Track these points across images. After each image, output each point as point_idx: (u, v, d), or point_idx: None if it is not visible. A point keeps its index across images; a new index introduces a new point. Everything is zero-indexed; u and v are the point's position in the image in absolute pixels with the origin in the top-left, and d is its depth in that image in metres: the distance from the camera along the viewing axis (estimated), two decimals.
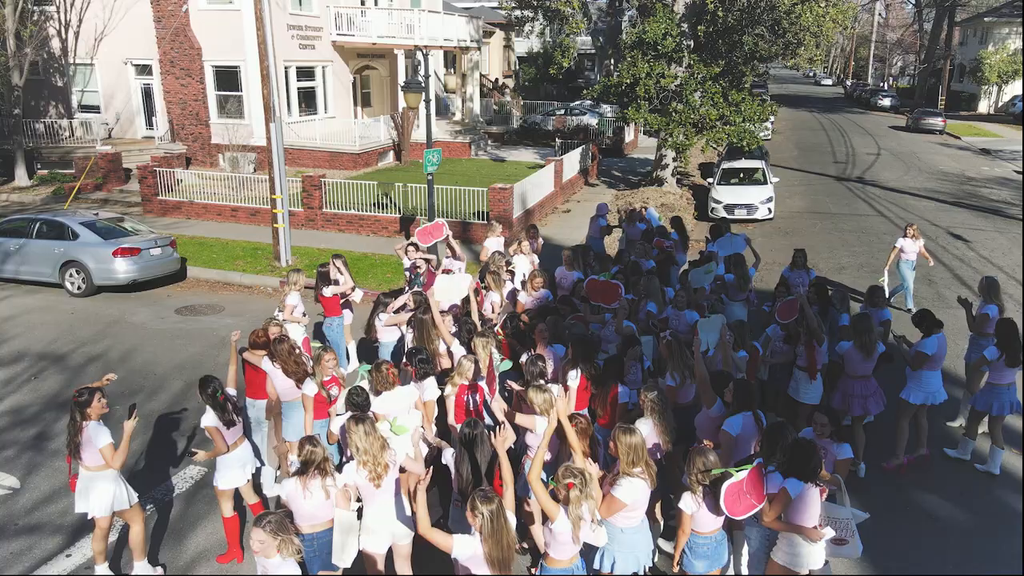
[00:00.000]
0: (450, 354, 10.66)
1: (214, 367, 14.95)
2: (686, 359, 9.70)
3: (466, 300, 12.22)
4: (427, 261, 14.59)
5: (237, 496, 9.72)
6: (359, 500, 7.87)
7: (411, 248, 14.82)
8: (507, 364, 10.80)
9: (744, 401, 8.67)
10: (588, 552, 7.53)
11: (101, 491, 8.68)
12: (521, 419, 8.60)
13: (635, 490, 7.34)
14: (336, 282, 13.85)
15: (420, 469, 8.11)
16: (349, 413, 8.46)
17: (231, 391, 9.36)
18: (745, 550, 8.66)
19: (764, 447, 7.98)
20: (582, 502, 6.79)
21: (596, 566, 7.66)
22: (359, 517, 7.92)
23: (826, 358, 11.31)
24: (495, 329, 11.50)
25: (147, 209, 27.68)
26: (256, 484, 10.32)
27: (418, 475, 7.99)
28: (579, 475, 6.83)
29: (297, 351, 10.12)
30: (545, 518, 6.98)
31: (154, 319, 18.07)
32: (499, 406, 9.24)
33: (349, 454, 7.97)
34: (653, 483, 7.48)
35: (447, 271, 13.83)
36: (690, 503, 7.48)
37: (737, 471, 7.40)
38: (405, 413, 8.99)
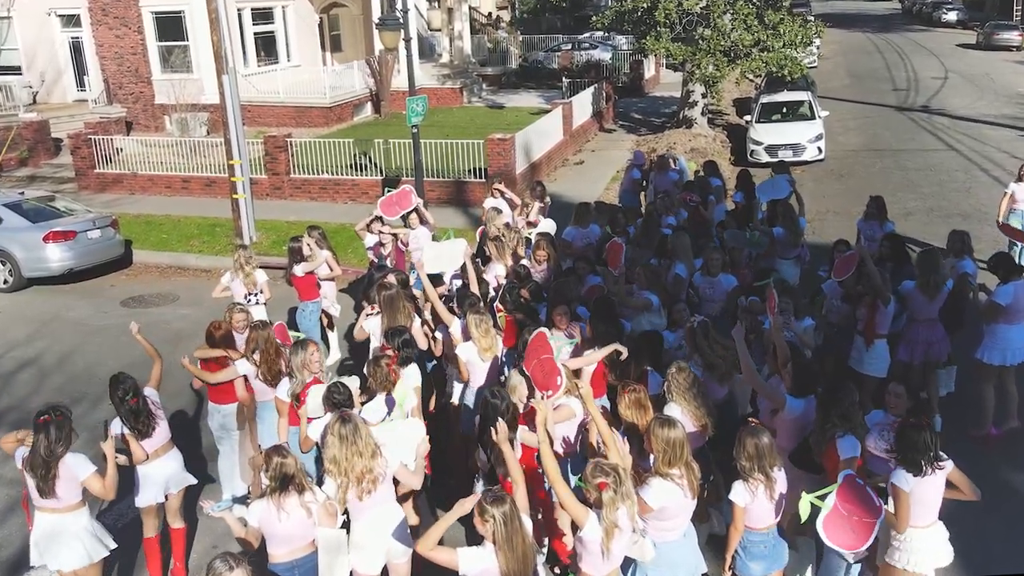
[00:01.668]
0: (434, 338, 10.53)
1: (169, 367, 14.72)
2: (716, 348, 9.47)
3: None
4: (394, 236, 14.35)
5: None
6: (345, 513, 7.77)
7: (377, 224, 14.66)
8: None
9: (806, 385, 8.47)
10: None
11: (74, 538, 8.23)
12: (556, 415, 8.46)
13: (667, 494, 7.13)
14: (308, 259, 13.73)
15: (416, 483, 8.07)
16: (330, 415, 8.32)
17: (150, 392, 9.23)
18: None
19: (819, 414, 7.93)
20: (617, 504, 6.58)
21: None
22: (347, 532, 7.84)
23: (893, 324, 11.15)
24: (495, 304, 11.33)
25: (82, 185, 27.52)
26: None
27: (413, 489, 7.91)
28: (612, 473, 6.64)
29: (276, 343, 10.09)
30: (576, 528, 6.83)
31: (96, 314, 17.95)
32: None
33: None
34: (694, 492, 7.26)
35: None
36: (742, 493, 7.30)
37: (818, 498, 7.25)
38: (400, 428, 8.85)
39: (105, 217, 20.64)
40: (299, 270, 13.70)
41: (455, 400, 10.56)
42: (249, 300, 13.19)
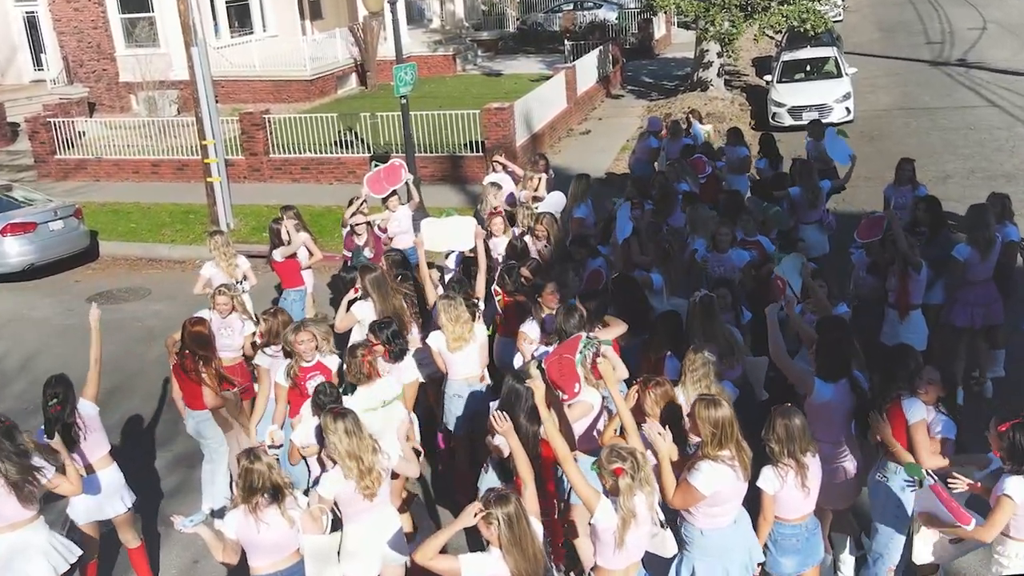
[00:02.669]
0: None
1: (141, 368, 14.87)
2: (722, 326, 9.45)
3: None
4: (368, 223, 14.12)
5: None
6: (334, 513, 7.78)
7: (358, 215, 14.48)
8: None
9: (836, 367, 8.37)
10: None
11: (38, 552, 8.09)
12: (572, 413, 8.41)
13: (718, 479, 7.04)
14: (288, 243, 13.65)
15: (415, 471, 8.19)
16: (316, 420, 8.32)
17: (86, 406, 9.08)
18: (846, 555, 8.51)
19: (882, 377, 7.97)
20: (635, 492, 6.54)
21: (672, 574, 7.47)
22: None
23: (927, 295, 11.15)
24: (493, 287, 11.23)
25: (43, 172, 27.49)
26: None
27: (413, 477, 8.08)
28: (629, 457, 6.60)
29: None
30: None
31: (61, 313, 17.92)
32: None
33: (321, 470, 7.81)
34: (747, 472, 7.19)
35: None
36: (771, 480, 7.25)
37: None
38: (385, 413, 8.87)
39: (68, 207, 20.55)
40: (277, 255, 13.67)
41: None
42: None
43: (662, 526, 6.97)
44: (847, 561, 8.81)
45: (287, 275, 13.83)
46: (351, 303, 11.21)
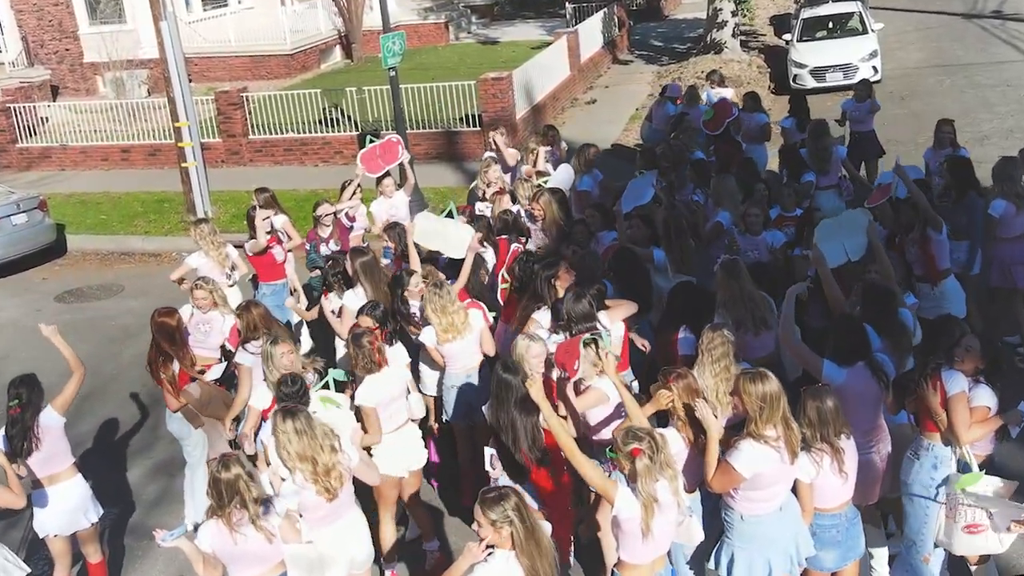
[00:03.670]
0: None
1: (116, 370, 14.94)
2: (749, 289, 9.41)
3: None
4: (334, 213, 13.86)
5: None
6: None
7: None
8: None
9: (851, 350, 8.24)
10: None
11: None
12: (584, 400, 8.44)
13: (760, 460, 7.03)
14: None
15: (375, 479, 8.38)
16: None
17: (49, 416, 9.06)
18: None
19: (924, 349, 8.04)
20: (655, 475, 6.56)
21: (711, 565, 7.50)
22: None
23: (954, 256, 11.23)
24: (500, 275, 11.21)
25: (3, 163, 27.51)
26: None
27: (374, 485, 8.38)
28: (646, 437, 6.63)
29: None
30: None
31: (27, 313, 17.88)
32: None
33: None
34: (795, 456, 7.14)
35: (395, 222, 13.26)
36: (808, 467, 7.24)
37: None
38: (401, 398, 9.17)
39: (31, 198, 20.49)
40: (248, 248, 13.35)
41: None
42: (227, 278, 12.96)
43: (688, 513, 6.95)
44: (879, 554, 8.77)
45: (263, 268, 13.43)
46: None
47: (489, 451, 8.15)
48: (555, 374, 8.52)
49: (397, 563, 9.62)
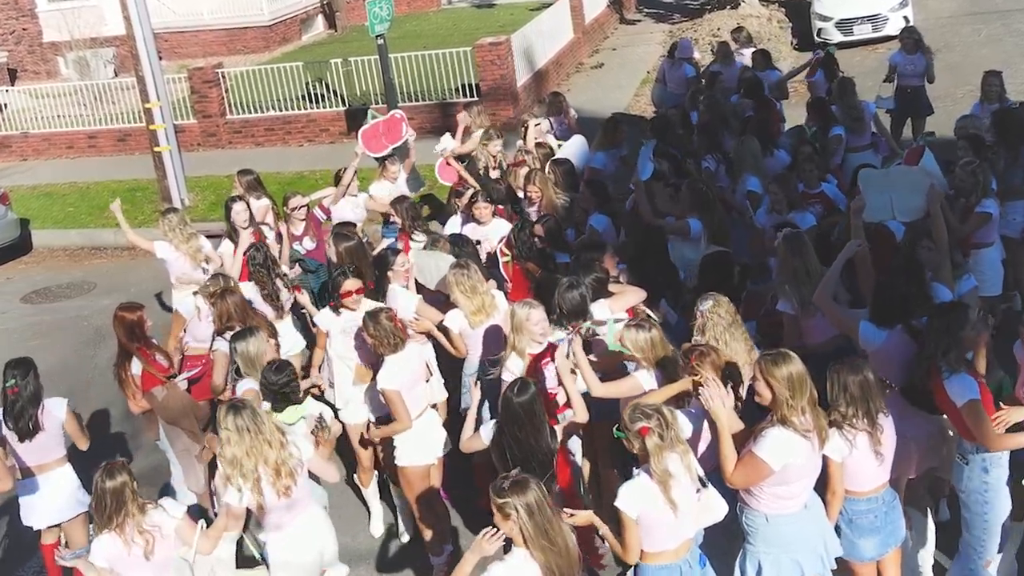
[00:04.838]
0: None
1: (92, 374, 14.94)
2: (815, 264, 9.36)
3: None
4: (305, 206, 13.61)
5: None
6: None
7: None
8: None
9: (889, 311, 8.31)
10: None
11: None
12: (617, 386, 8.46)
13: (790, 450, 6.93)
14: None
15: (334, 475, 8.59)
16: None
17: (58, 403, 9.38)
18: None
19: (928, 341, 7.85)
20: (666, 452, 6.63)
21: (737, 574, 7.46)
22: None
23: (1009, 217, 11.28)
24: (499, 248, 11.20)
25: None
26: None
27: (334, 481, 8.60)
28: (655, 414, 6.70)
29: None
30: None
31: None
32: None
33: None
34: (822, 441, 7.08)
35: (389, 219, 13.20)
36: (839, 445, 7.16)
37: None
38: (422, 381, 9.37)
39: None
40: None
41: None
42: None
43: (703, 484, 6.94)
44: (924, 557, 8.70)
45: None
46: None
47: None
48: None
49: (448, 546, 9.67)
